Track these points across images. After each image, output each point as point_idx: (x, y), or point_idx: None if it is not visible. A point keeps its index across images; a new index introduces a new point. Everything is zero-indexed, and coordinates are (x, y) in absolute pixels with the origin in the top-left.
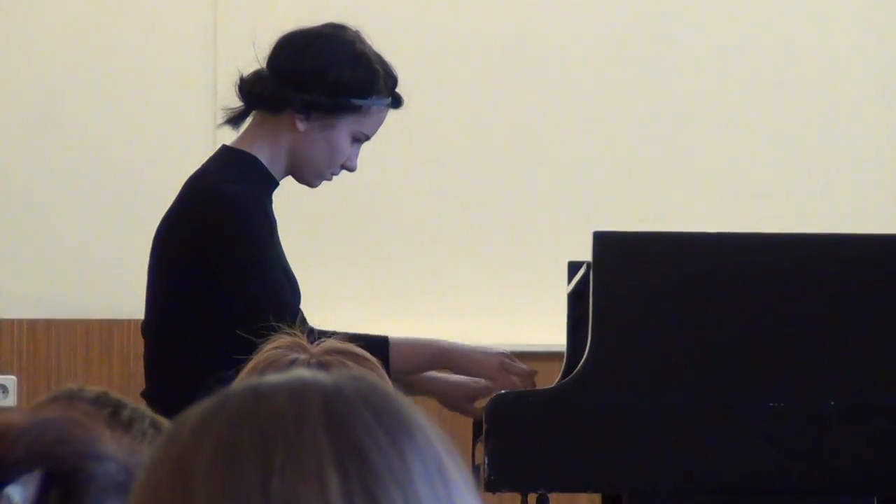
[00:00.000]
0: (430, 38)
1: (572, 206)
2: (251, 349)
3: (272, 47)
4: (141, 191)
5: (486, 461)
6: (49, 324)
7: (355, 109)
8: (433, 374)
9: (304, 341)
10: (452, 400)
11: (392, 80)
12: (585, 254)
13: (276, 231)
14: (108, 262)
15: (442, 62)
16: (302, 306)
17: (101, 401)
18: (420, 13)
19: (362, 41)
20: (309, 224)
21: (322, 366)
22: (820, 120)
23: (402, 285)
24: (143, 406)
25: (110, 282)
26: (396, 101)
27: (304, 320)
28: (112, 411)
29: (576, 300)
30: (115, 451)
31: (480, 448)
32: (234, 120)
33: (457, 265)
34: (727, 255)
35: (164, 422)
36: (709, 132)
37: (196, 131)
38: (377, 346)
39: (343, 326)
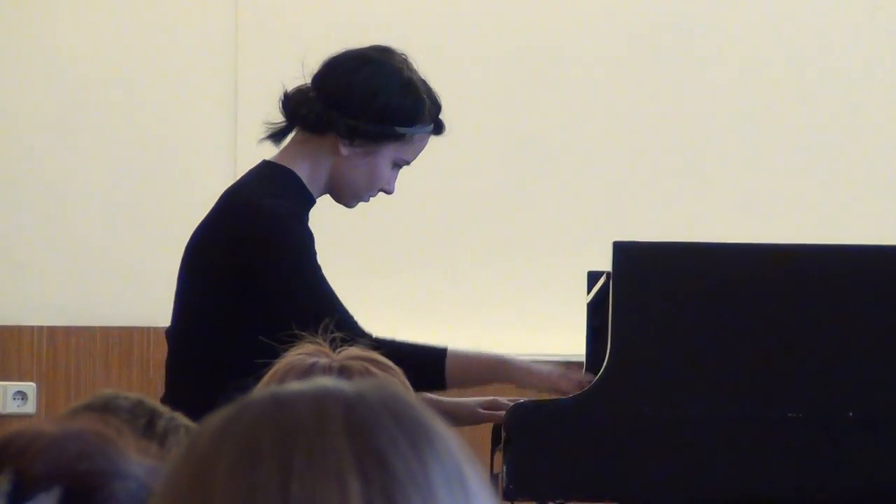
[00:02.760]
0: (450, 51)
1: (592, 217)
2: (275, 357)
3: (320, 67)
4: (161, 199)
5: (505, 470)
6: (69, 331)
7: (399, 137)
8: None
9: (327, 348)
10: (465, 415)
11: (436, 107)
12: (605, 264)
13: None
14: (127, 269)
15: (462, 74)
16: None
17: (137, 409)
18: (439, 25)
19: (410, 68)
20: (328, 235)
21: (343, 371)
22: (844, 132)
23: (421, 296)
24: (179, 414)
25: (130, 289)
26: (439, 129)
27: (359, 329)
28: (148, 421)
29: (595, 310)
30: (139, 467)
31: (499, 457)
32: (276, 136)
33: (477, 275)
34: (747, 265)
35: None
36: (729, 143)
37: (217, 141)
38: (435, 356)
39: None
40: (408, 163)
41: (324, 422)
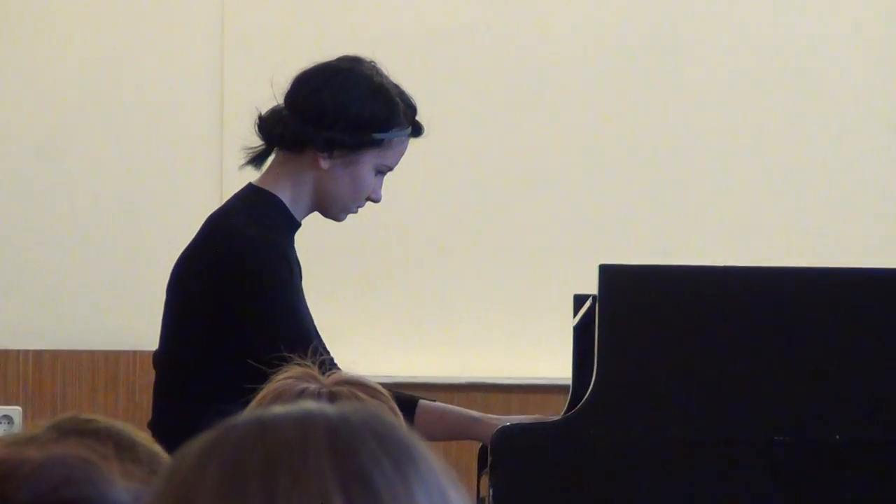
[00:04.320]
0: (436, 69)
1: (578, 239)
2: (263, 382)
3: (289, 85)
4: (147, 223)
5: (491, 493)
6: (55, 354)
7: (377, 143)
8: (461, 412)
9: (316, 372)
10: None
11: (412, 110)
12: (591, 287)
13: (300, 275)
14: (113, 293)
15: (448, 93)
16: None
17: (115, 433)
18: (427, 43)
19: (379, 73)
20: (313, 255)
21: (332, 396)
22: (828, 154)
23: (407, 318)
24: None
25: (116, 313)
26: (417, 130)
27: (332, 362)
28: (130, 444)
29: (582, 333)
30: (124, 493)
31: (485, 480)
32: (256, 160)
33: (462, 298)
34: (733, 288)
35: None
36: (715, 166)
37: (202, 164)
38: (404, 405)
39: (346, 358)
40: (390, 168)
41: (308, 443)
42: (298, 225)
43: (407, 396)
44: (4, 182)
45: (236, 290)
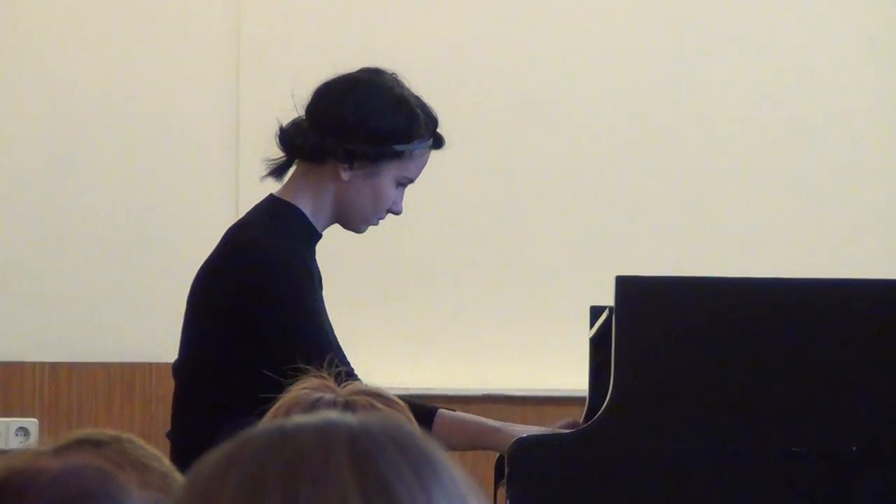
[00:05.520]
0: (453, 81)
1: (595, 251)
2: (280, 392)
3: (310, 96)
4: (162, 235)
5: None
6: (71, 367)
7: (398, 155)
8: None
9: (332, 382)
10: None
11: (433, 122)
12: (608, 298)
13: (320, 285)
14: (129, 305)
15: (465, 106)
16: None
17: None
18: (443, 56)
19: (400, 85)
20: (329, 267)
21: (349, 406)
22: (848, 167)
23: (423, 330)
24: (163, 456)
25: (132, 325)
26: (438, 142)
27: (349, 373)
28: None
29: (598, 345)
30: (140, 502)
31: (502, 492)
32: (277, 171)
33: (479, 310)
34: (749, 300)
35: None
36: (732, 178)
37: (218, 176)
38: (423, 415)
39: (362, 370)
40: (411, 180)
41: (329, 452)
42: (319, 236)
43: (425, 406)
44: (21, 194)
45: (255, 299)
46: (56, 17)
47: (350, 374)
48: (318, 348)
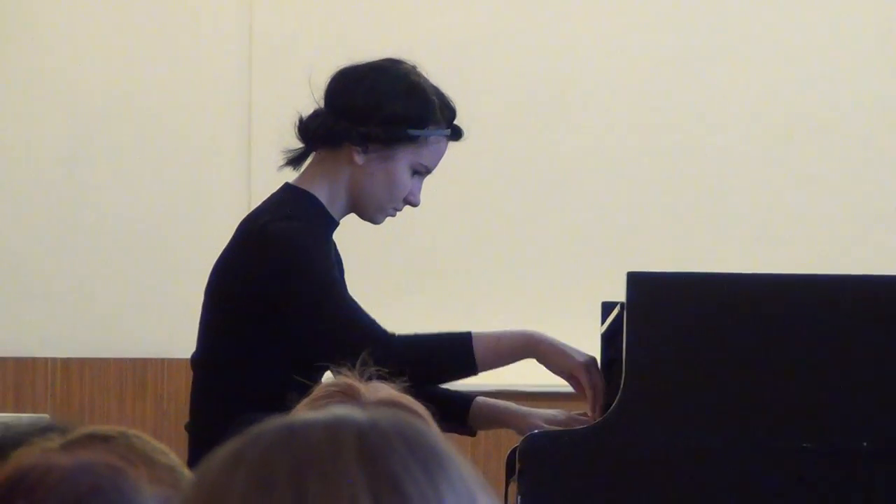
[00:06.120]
0: (466, 77)
1: (606, 246)
2: (302, 384)
3: (327, 82)
4: (175, 231)
5: (519, 501)
6: (83, 363)
7: (412, 140)
8: (509, 406)
9: (358, 383)
10: (530, 426)
11: (449, 111)
12: (619, 294)
13: (341, 270)
14: (141, 301)
15: (477, 101)
16: None
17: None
18: (456, 51)
19: (417, 73)
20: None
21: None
22: (859, 163)
23: (435, 326)
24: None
25: (143, 321)
26: (456, 133)
27: (384, 337)
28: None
29: (609, 341)
30: (152, 500)
31: (514, 488)
32: (294, 161)
33: (490, 305)
34: (761, 295)
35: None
36: (743, 173)
37: (231, 172)
38: (461, 340)
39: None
40: (428, 169)
41: (338, 448)
42: (336, 223)
43: (458, 333)
44: (33, 191)
45: (273, 278)
46: (67, 16)
47: (379, 340)
48: (341, 311)
